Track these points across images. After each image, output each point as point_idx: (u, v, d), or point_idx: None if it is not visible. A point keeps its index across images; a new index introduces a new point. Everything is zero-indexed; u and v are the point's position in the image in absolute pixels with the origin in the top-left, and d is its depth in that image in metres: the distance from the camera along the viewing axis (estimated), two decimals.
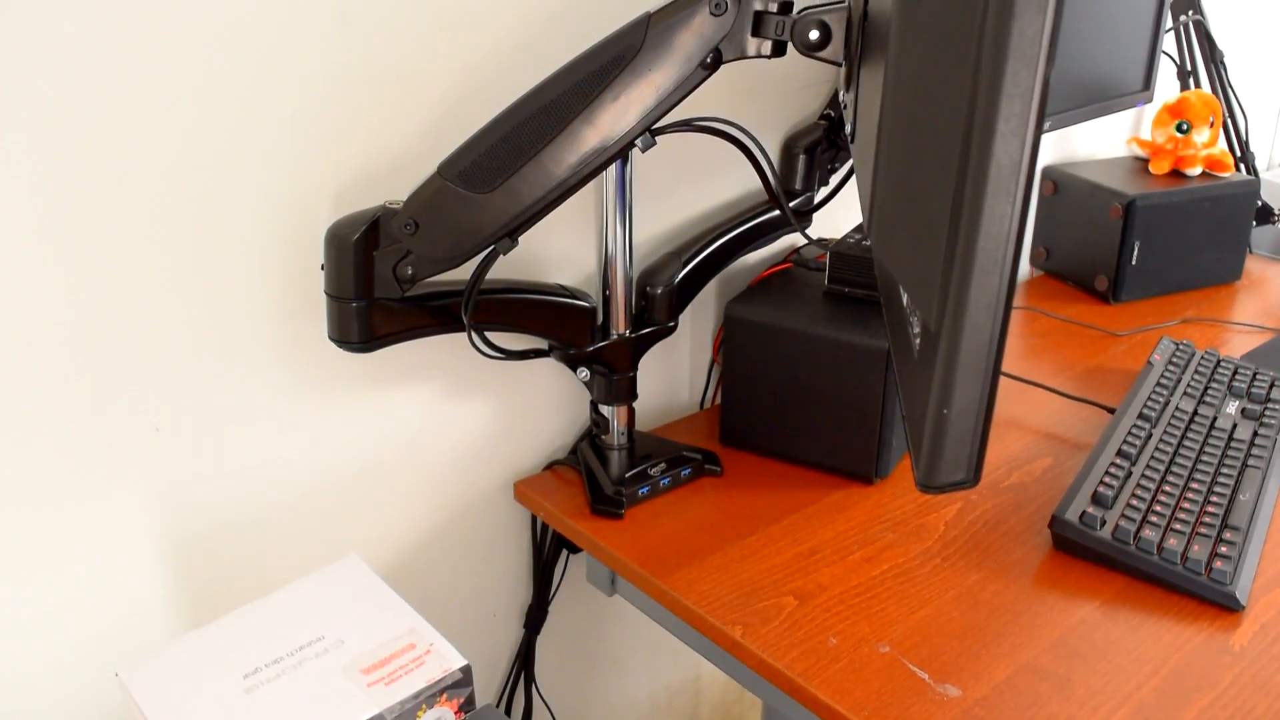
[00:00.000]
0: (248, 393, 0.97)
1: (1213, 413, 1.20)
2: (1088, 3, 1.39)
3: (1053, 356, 1.43)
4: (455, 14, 0.98)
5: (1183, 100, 1.68)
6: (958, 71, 0.57)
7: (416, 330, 0.97)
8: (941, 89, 0.59)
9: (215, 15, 0.85)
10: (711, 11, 0.85)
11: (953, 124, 0.58)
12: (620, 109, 0.87)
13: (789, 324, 1.11)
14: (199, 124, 0.87)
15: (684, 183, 1.22)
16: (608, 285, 1.09)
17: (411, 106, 0.98)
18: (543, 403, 1.19)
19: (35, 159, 0.80)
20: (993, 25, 0.54)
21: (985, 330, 0.60)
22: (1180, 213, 1.60)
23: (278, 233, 0.94)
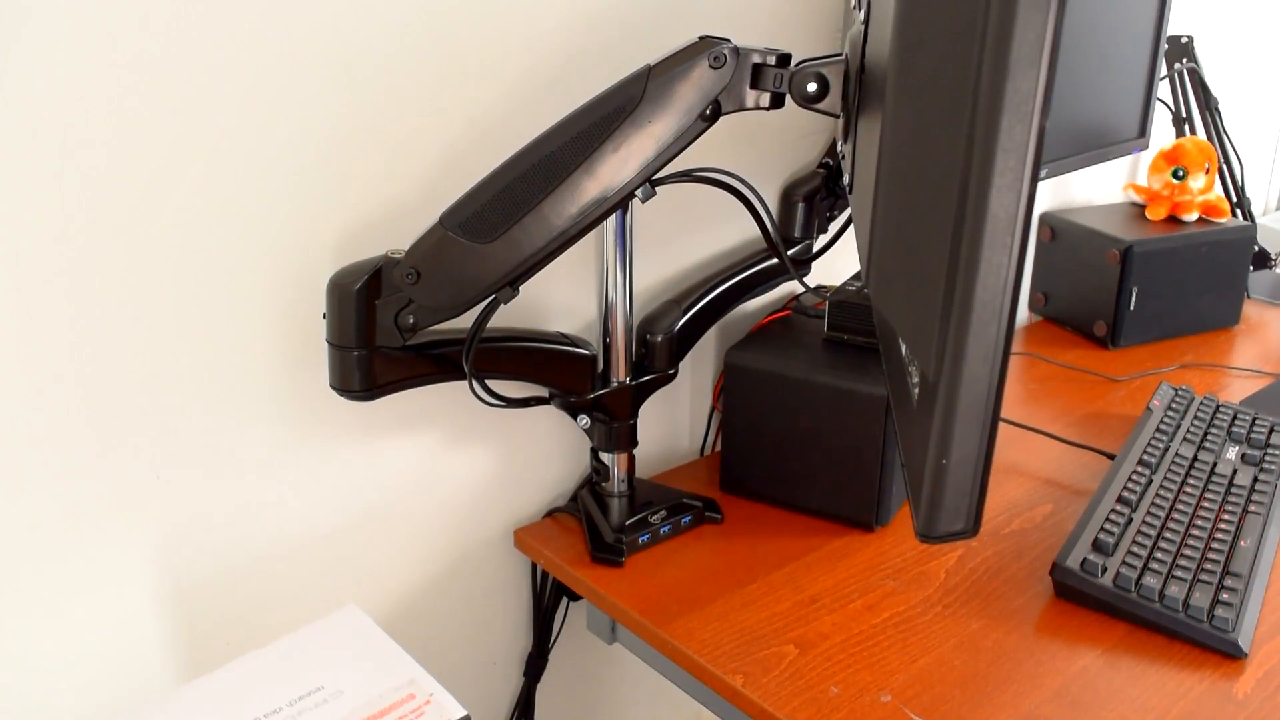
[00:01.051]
0: (248, 440, 0.97)
1: (1212, 458, 1.20)
2: (1083, 51, 1.41)
3: (1052, 402, 1.44)
4: (458, 67, 0.99)
5: (1178, 147, 1.69)
6: (953, 126, 0.58)
7: (418, 378, 0.97)
8: (937, 143, 0.60)
9: (222, 67, 0.86)
10: (711, 64, 0.86)
11: (949, 177, 0.58)
12: (620, 160, 0.88)
13: (789, 371, 1.11)
14: (204, 174, 0.88)
15: (684, 231, 1.23)
16: (608, 333, 1.09)
17: (414, 157, 0.99)
18: (543, 450, 1.19)
19: (41, 207, 0.81)
20: (987, 81, 0.55)
21: (983, 381, 0.61)
22: (1178, 258, 1.61)
23: (280, 281, 0.95)
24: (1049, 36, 0.54)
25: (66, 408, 0.86)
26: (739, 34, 1.19)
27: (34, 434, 0.85)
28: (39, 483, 0.87)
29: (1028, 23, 0.54)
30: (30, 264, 0.82)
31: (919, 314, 0.64)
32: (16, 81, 0.78)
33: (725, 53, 0.86)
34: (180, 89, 0.85)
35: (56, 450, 0.87)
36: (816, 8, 1.27)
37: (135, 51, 0.82)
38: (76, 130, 0.81)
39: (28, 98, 0.79)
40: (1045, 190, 1.76)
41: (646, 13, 1.10)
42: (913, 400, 0.68)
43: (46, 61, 0.79)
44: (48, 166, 0.81)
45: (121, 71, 0.82)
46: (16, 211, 0.80)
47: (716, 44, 0.86)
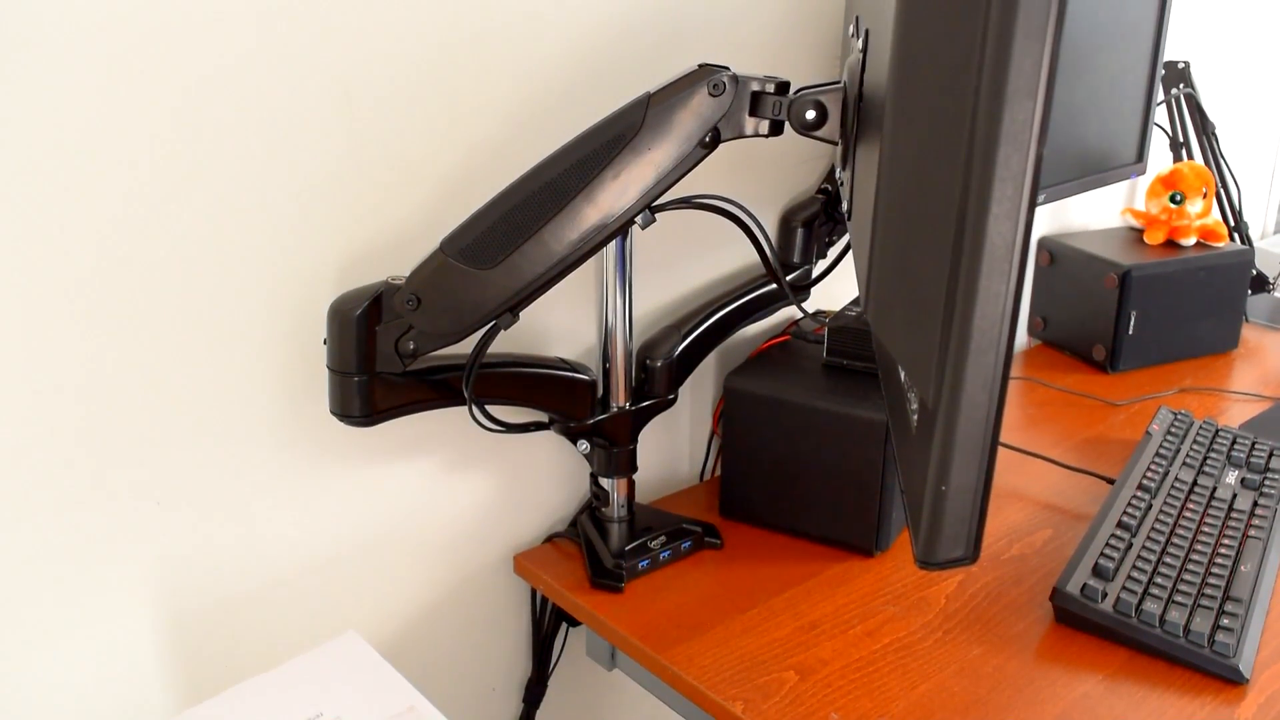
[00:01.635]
0: (248, 466, 0.97)
1: (1212, 483, 1.20)
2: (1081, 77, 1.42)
3: (1052, 426, 1.44)
4: (458, 94, 1.00)
5: (1175, 172, 1.70)
6: (951, 154, 0.58)
7: (418, 404, 0.97)
8: (935, 171, 0.61)
9: (223, 94, 0.87)
10: (710, 92, 0.87)
11: (947, 205, 0.59)
12: (620, 187, 0.88)
13: (788, 396, 1.11)
14: (205, 200, 0.88)
15: (683, 256, 1.23)
16: (608, 358, 1.09)
17: (414, 184, 0.99)
18: (543, 475, 1.19)
19: (41, 236, 0.82)
20: (985, 110, 0.55)
21: (982, 408, 0.61)
22: (1176, 283, 1.61)
23: (281, 308, 0.95)
24: (1045, 66, 0.55)
25: (65, 434, 0.86)
26: (738, 61, 1.20)
27: (33, 461, 0.85)
28: (38, 511, 0.87)
29: (1024, 53, 0.54)
30: (31, 293, 0.82)
31: (918, 341, 0.64)
32: (18, 108, 0.78)
33: (724, 80, 0.87)
34: (182, 116, 0.85)
35: (56, 477, 0.87)
36: (815, 35, 1.28)
37: (136, 81, 0.83)
38: (79, 159, 0.82)
39: (29, 126, 0.79)
40: (1043, 214, 1.76)
41: (646, 40, 1.11)
42: (912, 427, 0.69)
43: (49, 88, 0.79)
44: (50, 195, 0.81)
45: (124, 100, 0.82)
46: (19, 242, 0.81)
47: (716, 72, 0.87)
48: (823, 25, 1.28)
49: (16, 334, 0.82)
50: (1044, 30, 0.54)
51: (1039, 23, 0.54)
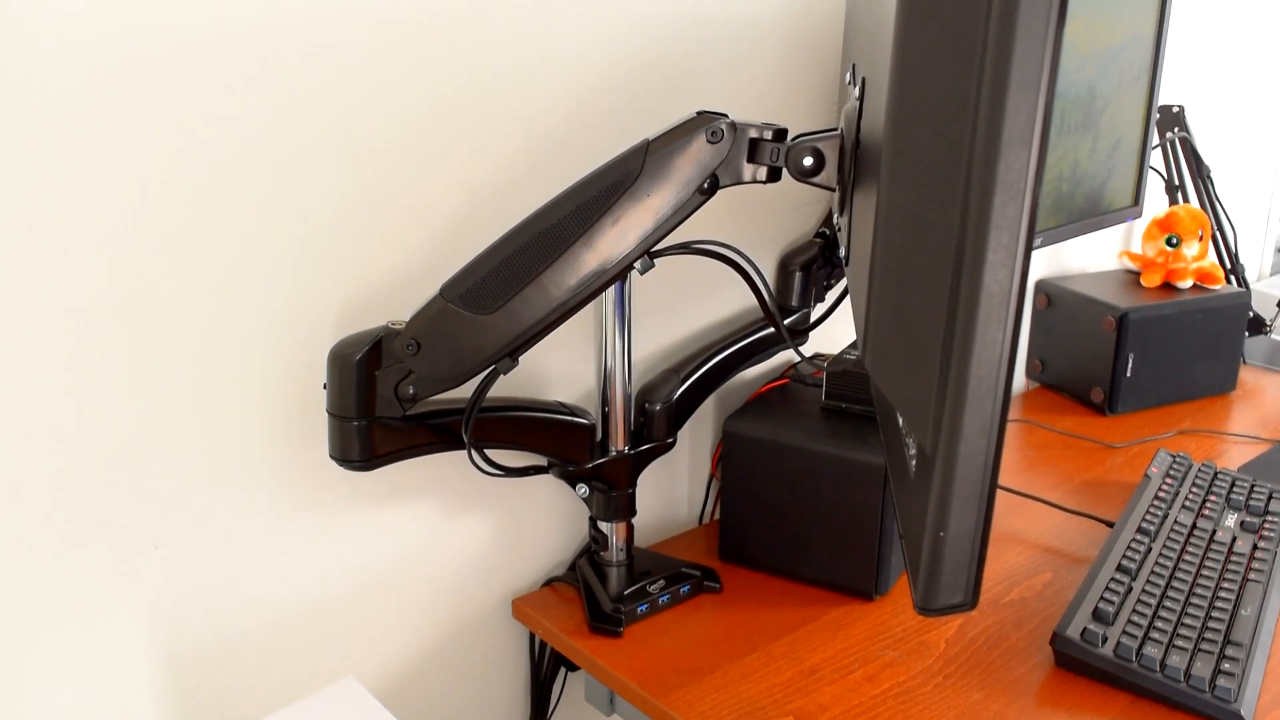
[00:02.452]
0: (247, 510, 0.97)
1: (1212, 526, 1.20)
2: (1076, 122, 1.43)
3: (1050, 469, 1.44)
4: (458, 140, 1.01)
5: (1171, 215, 1.71)
6: (947, 202, 0.58)
7: (417, 448, 0.98)
8: (932, 219, 0.61)
9: (224, 140, 0.87)
10: (708, 139, 0.88)
11: (943, 253, 0.59)
12: (619, 233, 0.89)
13: (787, 440, 1.12)
14: (205, 246, 0.89)
15: (682, 300, 1.24)
16: (607, 402, 1.10)
17: (414, 229, 1.00)
18: (541, 519, 1.19)
19: (41, 277, 0.82)
20: (980, 160, 0.56)
21: (980, 455, 0.61)
22: (1173, 325, 1.62)
23: (281, 352, 0.95)
24: (1040, 116, 0.55)
25: (64, 477, 0.87)
26: (736, 107, 1.21)
27: (30, 504, 0.85)
28: (35, 554, 0.86)
29: (1019, 103, 0.55)
30: (29, 333, 0.82)
31: (915, 388, 0.64)
32: (26, 145, 0.79)
33: (722, 128, 0.88)
34: (185, 161, 0.86)
35: (52, 520, 0.87)
36: (812, 82, 1.29)
37: (142, 125, 0.83)
38: (82, 201, 0.82)
39: (34, 164, 0.80)
40: (1040, 257, 1.77)
41: (644, 87, 1.12)
42: (910, 473, 0.69)
43: (57, 127, 0.80)
44: (51, 236, 0.82)
45: (129, 144, 0.83)
46: (18, 282, 0.81)
47: (714, 119, 0.88)
48: (820, 71, 1.30)
49: (13, 375, 0.82)
50: (1038, 81, 0.55)
51: (1033, 74, 0.55)
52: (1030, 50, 0.54)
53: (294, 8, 0.89)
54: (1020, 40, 0.54)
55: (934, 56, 0.61)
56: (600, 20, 1.07)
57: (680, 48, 1.14)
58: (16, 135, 0.78)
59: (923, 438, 0.63)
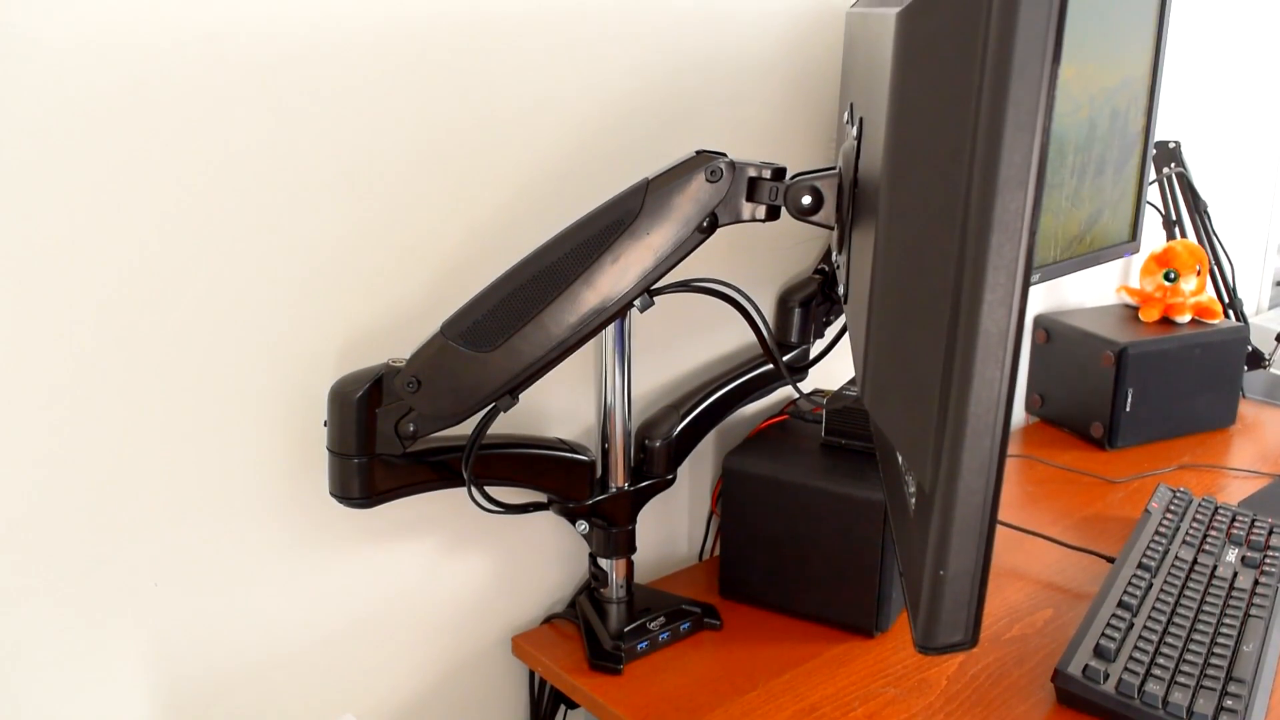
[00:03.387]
0: (246, 547, 0.97)
1: (1212, 561, 1.20)
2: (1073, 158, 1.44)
3: (1051, 504, 1.44)
4: (459, 177, 1.01)
5: (1169, 250, 1.71)
6: (945, 242, 0.59)
7: (417, 485, 0.98)
8: (929, 258, 0.61)
9: (227, 176, 0.88)
10: (707, 178, 0.88)
11: (941, 293, 0.59)
12: (619, 271, 0.89)
13: (787, 476, 1.12)
14: (208, 282, 0.89)
15: (682, 336, 1.24)
16: (607, 438, 1.10)
17: (415, 266, 1.01)
18: (541, 556, 1.18)
19: (43, 312, 0.82)
20: (977, 200, 0.56)
21: (979, 493, 0.61)
22: (1172, 360, 1.62)
23: (281, 389, 0.95)
24: (1036, 157, 0.56)
25: (63, 513, 0.87)
26: (735, 146, 1.22)
27: (31, 540, 0.85)
28: (36, 590, 0.86)
29: (1015, 145, 0.55)
30: (32, 369, 0.83)
31: (914, 426, 0.64)
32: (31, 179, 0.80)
33: (721, 167, 0.88)
34: (188, 197, 0.87)
35: (53, 557, 0.87)
36: (810, 120, 1.30)
37: (138, 160, 0.84)
38: (85, 236, 0.83)
39: (38, 198, 0.80)
40: (1039, 292, 1.78)
41: (644, 126, 1.13)
42: (910, 511, 0.69)
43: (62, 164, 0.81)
44: (55, 273, 0.82)
45: (132, 179, 0.84)
46: (21, 318, 0.81)
47: (713, 158, 0.88)
48: (818, 109, 1.31)
49: (13, 410, 0.83)
50: (1033, 122, 0.55)
51: (1028, 115, 0.55)
52: (1026, 93, 0.55)
53: (297, 47, 0.89)
54: (1016, 83, 0.55)
55: (930, 98, 0.61)
56: (600, 60, 1.08)
57: (679, 88, 1.15)
58: (15, 172, 0.79)
59: (922, 476, 0.64)
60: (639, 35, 1.11)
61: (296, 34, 0.89)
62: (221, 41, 0.86)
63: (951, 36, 0.58)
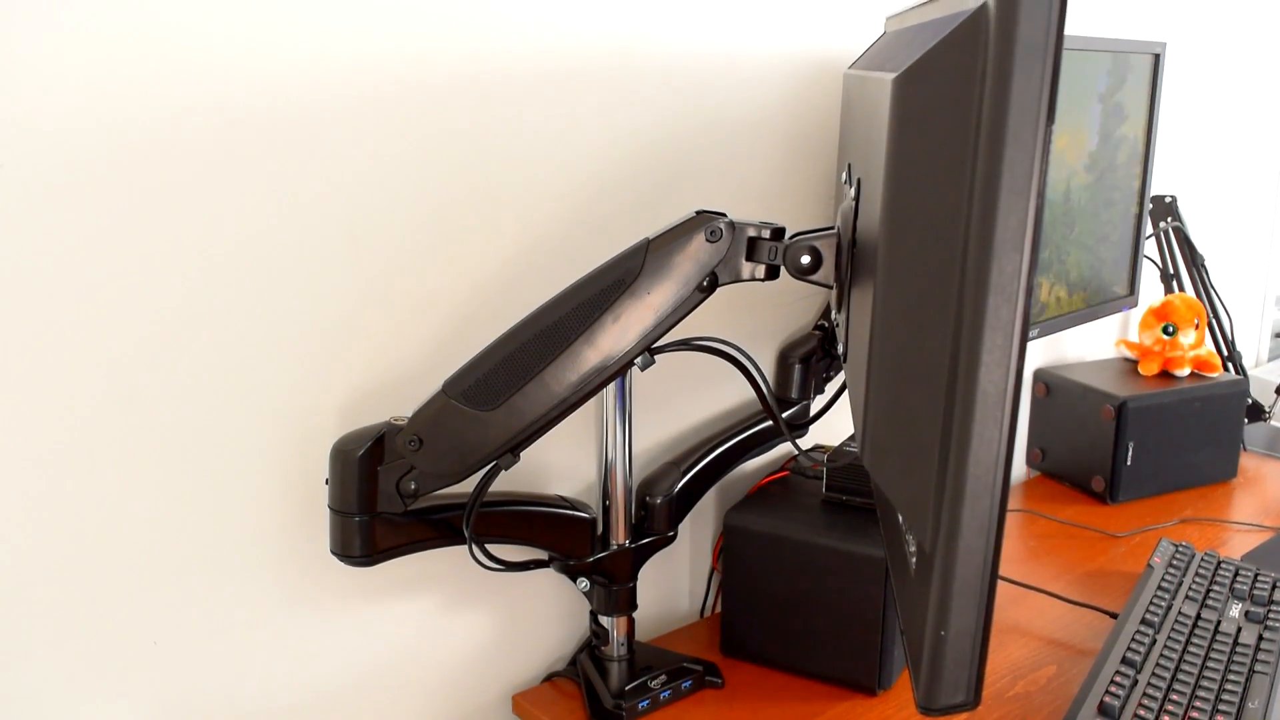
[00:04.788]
0: (247, 605, 0.97)
1: (1216, 617, 1.19)
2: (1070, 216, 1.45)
3: (1053, 559, 1.43)
4: (462, 237, 1.02)
5: (1167, 304, 1.72)
6: (942, 304, 0.59)
7: (418, 544, 0.98)
8: (927, 320, 0.62)
9: (230, 234, 0.89)
10: (707, 238, 0.89)
11: (939, 354, 0.60)
12: (620, 330, 0.90)
13: (788, 533, 1.12)
14: (209, 340, 0.90)
15: (682, 392, 1.24)
16: (607, 495, 1.10)
17: (417, 325, 1.01)
18: (542, 613, 1.18)
19: (49, 370, 0.83)
20: (973, 263, 0.57)
21: (979, 553, 0.61)
22: (1172, 413, 1.62)
23: (283, 448, 0.96)
24: (1031, 220, 0.56)
25: (63, 571, 0.87)
26: (734, 206, 1.23)
27: (30, 598, 0.85)
28: (35, 648, 0.86)
29: (1010, 208, 0.56)
30: (34, 426, 0.83)
31: (913, 486, 0.65)
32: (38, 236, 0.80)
33: (721, 227, 0.89)
34: (187, 257, 0.88)
35: (53, 614, 0.87)
36: (809, 179, 1.31)
37: (146, 223, 0.85)
38: (89, 294, 0.83)
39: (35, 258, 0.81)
40: (1038, 346, 1.78)
41: (644, 187, 1.14)
42: (910, 569, 0.69)
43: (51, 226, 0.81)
44: (59, 330, 0.83)
45: (128, 238, 0.85)
46: (27, 375, 0.82)
47: (713, 218, 0.89)
48: (817, 168, 1.32)
49: (14, 467, 0.83)
50: (1028, 187, 0.56)
51: (1023, 180, 0.56)
52: (1020, 157, 0.56)
53: (302, 112, 0.91)
54: (1010, 148, 0.56)
55: (927, 162, 0.62)
56: (600, 122, 1.10)
57: (678, 148, 1.17)
58: (27, 232, 0.80)
59: (922, 535, 0.64)
60: (639, 98, 1.12)
61: (302, 99, 0.91)
62: (228, 107, 0.87)
63: (947, 102, 0.59)
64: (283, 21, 0.89)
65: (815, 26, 1.28)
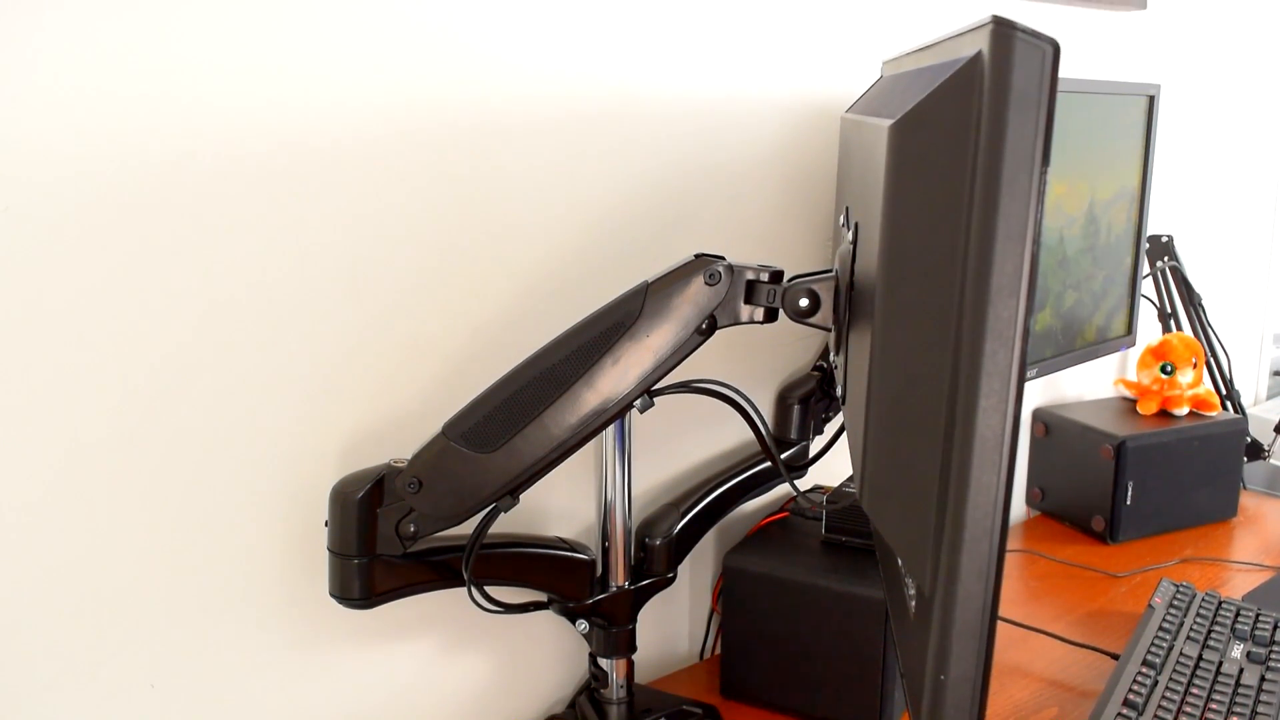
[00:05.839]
0: (245, 649, 0.96)
1: (1218, 657, 1.19)
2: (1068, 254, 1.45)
3: (1053, 600, 1.43)
4: (462, 279, 1.03)
5: (1165, 343, 1.72)
6: (939, 349, 0.60)
7: (417, 586, 0.97)
8: (925, 365, 0.62)
9: (232, 277, 0.89)
10: (706, 281, 0.90)
11: (937, 399, 0.60)
12: (620, 373, 0.90)
13: (787, 575, 1.11)
14: (208, 382, 0.90)
15: (681, 433, 1.25)
16: (607, 537, 1.10)
17: (417, 367, 1.02)
18: (541, 655, 1.18)
19: (41, 413, 0.83)
20: (970, 309, 0.57)
21: (978, 598, 0.61)
22: (1171, 452, 1.62)
23: (283, 489, 0.96)
24: (1027, 266, 0.57)
25: (60, 614, 0.86)
26: (733, 248, 1.24)
27: (27, 642, 0.85)
28: (33, 692, 0.86)
29: (1006, 254, 0.57)
30: (33, 467, 0.83)
31: (912, 531, 0.65)
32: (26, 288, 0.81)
33: (720, 270, 0.90)
34: (187, 298, 0.88)
35: (51, 659, 0.86)
36: (808, 221, 1.32)
37: (146, 263, 0.85)
38: (91, 337, 0.84)
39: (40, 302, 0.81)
40: (1037, 386, 1.79)
41: (644, 230, 1.15)
42: (910, 613, 0.69)
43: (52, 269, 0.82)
44: (59, 373, 0.83)
45: (132, 283, 0.85)
46: (26, 418, 0.82)
47: (711, 262, 0.90)
48: (815, 210, 1.33)
49: (12, 509, 0.83)
50: (1024, 232, 0.57)
51: (1019, 226, 0.57)
52: (1015, 204, 0.56)
53: (304, 153, 0.91)
54: (1006, 195, 0.56)
55: (924, 208, 0.63)
56: (600, 166, 1.11)
57: (678, 191, 1.17)
58: (25, 274, 0.80)
59: (921, 580, 0.64)
60: (638, 141, 1.13)
61: (305, 144, 0.91)
62: (232, 153, 0.88)
63: (942, 150, 0.60)
64: (289, 69, 0.90)
65: (812, 70, 1.29)
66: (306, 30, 0.90)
